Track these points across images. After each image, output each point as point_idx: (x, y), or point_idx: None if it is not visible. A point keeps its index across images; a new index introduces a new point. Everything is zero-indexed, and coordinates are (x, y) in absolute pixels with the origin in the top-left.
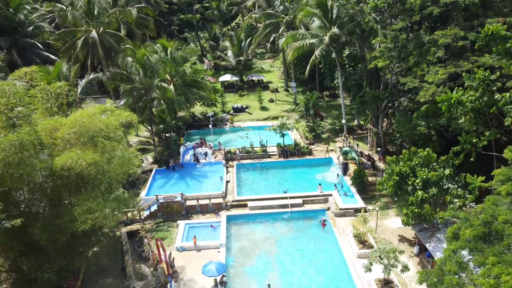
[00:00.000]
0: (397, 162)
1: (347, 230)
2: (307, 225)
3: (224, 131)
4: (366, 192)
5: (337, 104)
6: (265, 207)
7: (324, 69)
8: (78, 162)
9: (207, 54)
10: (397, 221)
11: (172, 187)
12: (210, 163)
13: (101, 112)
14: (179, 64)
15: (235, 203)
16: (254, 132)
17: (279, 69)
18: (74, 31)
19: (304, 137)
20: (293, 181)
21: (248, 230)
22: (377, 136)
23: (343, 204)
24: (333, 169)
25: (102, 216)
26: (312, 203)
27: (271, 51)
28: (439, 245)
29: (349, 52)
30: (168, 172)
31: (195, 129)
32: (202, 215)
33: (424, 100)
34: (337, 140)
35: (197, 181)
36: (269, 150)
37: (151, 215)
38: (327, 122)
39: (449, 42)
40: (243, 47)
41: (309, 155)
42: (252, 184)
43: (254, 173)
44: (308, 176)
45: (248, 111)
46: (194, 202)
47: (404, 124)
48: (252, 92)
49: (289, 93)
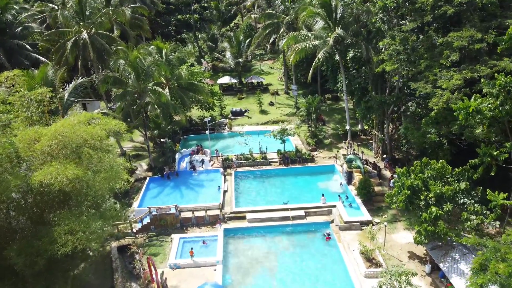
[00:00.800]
0: (407, 175)
1: (353, 246)
2: (310, 239)
3: (222, 136)
4: (372, 203)
5: (339, 108)
6: (265, 220)
7: (326, 71)
8: (58, 178)
9: (205, 55)
10: (406, 235)
11: (167, 197)
12: (207, 171)
13: (86, 121)
14: (174, 67)
15: (233, 215)
16: (253, 138)
17: (279, 71)
18: (64, 32)
19: (306, 143)
20: (294, 190)
21: (247, 244)
22: (382, 142)
23: (348, 216)
24: (336, 178)
25: (84, 238)
26: (315, 215)
27: (271, 52)
28: (454, 266)
29: (353, 54)
30: (162, 181)
31: (192, 134)
32: (198, 228)
33: (437, 107)
34: (340, 146)
35: (193, 191)
36: (269, 157)
37: (143, 228)
38: (330, 126)
39: (464, 45)
40: (242, 48)
41: (311, 163)
42: (251, 194)
43: (253, 181)
44: (310, 185)
45: (247, 115)
46: (189, 214)
47: (412, 131)
48: (251, 95)
49: (290, 96)
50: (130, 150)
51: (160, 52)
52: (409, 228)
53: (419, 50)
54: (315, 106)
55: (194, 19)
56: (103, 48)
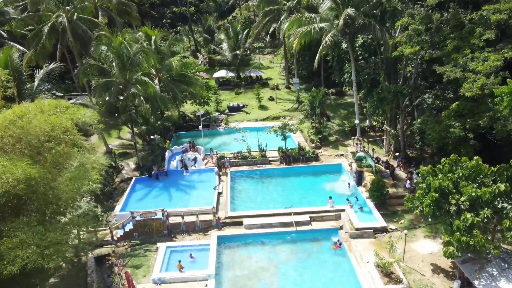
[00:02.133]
0: (433, 174)
1: (367, 257)
2: (316, 248)
3: (217, 133)
4: (386, 207)
5: (344, 103)
6: (264, 226)
7: (331, 62)
8: (3, 178)
9: (202, 49)
10: (427, 244)
11: (154, 200)
12: (200, 170)
13: (52, 109)
14: (165, 56)
15: (228, 220)
16: (252, 134)
17: (279, 65)
18: (42, 17)
19: (309, 140)
20: (297, 192)
21: (244, 255)
22: (395, 139)
23: (359, 222)
24: (344, 178)
25: (37, 254)
26: (321, 220)
27: (270, 46)
28: (493, 284)
29: (363, 41)
30: (150, 182)
31: (186, 131)
32: (188, 235)
33: (471, 94)
34: (347, 143)
35: (184, 193)
36: (269, 155)
37: (125, 235)
38: (335, 122)
39: (504, 19)
40: (240, 39)
41: (316, 161)
42: (249, 197)
43: (251, 182)
44: (315, 187)
45: (246, 111)
46: (178, 219)
47: (432, 126)
48: (249, 90)
49: (291, 90)
50: (117, 148)
51: (149, 40)
52: (430, 236)
53: (444, 30)
54: (319, 100)
55: (190, 12)
56: (85, 34)
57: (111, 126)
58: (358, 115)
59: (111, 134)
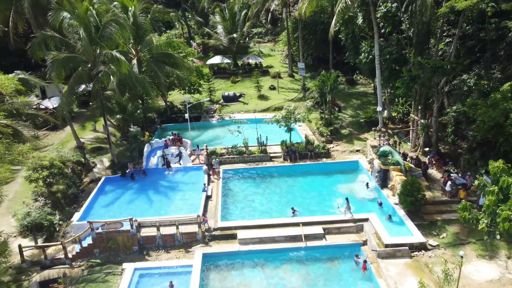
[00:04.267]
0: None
1: (404, 285)
2: (333, 271)
3: (210, 126)
4: (421, 216)
5: (357, 93)
6: (264, 240)
7: (345, 41)
8: None
9: (195, 36)
10: (483, 267)
11: (126, 205)
12: (186, 168)
13: None
14: (146, 33)
15: (218, 232)
16: (250, 126)
17: (281, 53)
18: None
19: (318, 132)
20: (305, 196)
21: (237, 279)
22: (425, 130)
23: (389, 236)
24: (361, 178)
25: None
26: (337, 232)
27: (271, 33)
28: None
29: (385, 10)
30: (123, 182)
31: (173, 123)
32: (166, 252)
33: None
34: (363, 137)
35: (164, 196)
36: (270, 150)
37: (83, 252)
38: (347, 113)
39: None
40: (237, 22)
41: (327, 158)
42: (245, 201)
43: (248, 183)
44: (328, 189)
45: (243, 101)
46: (152, 231)
47: (485, 110)
48: (247, 78)
49: (295, 79)
50: (91, 142)
51: (126, 13)
52: (485, 256)
53: None
54: (330, 85)
55: None
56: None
57: (87, 118)
58: (381, 100)
59: (85, 127)
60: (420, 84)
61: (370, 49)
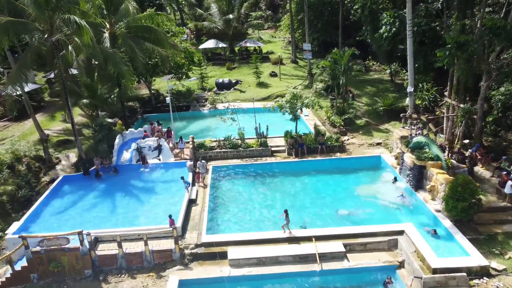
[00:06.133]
0: None
1: None
2: None
3: (200, 116)
4: (474, 228)
5: (371, 80)
6: (264, 261)
7: (361, 13)
8: None
9: (188, 22)
10: None
11: (84, 213)
12: (167, 164)
13: None
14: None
15: (201, 249)
16: (248, 114)
17: (283, 40)
18: None
19: (329, 123)
20: (317, 201)
21: None
22: (466, 117)
23: (437, 257)
24: (386, 177)
25: None
26: (363, 250)
27: (272, 20)
28: None
29: None
30: (87, 182)
31: (159, 113)
32: (130, 277)
33: None
34: (383, 127)
35: (136, 200)
36: (272, 143)
37: (16, 277)
38: (362, 101)
39: None
40: (233, 1)
41: (341, 153)
42: (239, 208)
43: (243, 184)
44: (345, 192)
45: (240, 88)
46: (113, 248)
47: None
48: (245, 65)
49: (299, 65)
50: (58, 134)
51: None
52: None
53: None
54: (344, 64)
55: None
56: None
57: (59, 107)
58: (413, 78)
59: (55, 117)
60: (470, 52)
61: (394, 20)
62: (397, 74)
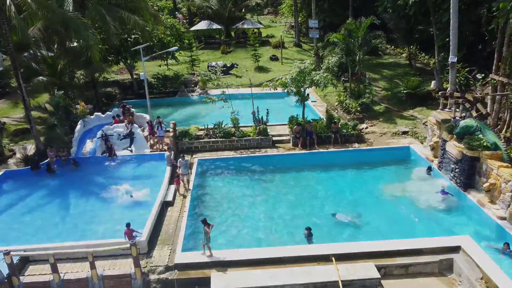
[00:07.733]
0: None
1: None
2: None
3: (189, 102)
4: None
5: (385, 63)
6: None
7: None
8: None
9: (181, 5)
10: None
11: (13, 222)
12: (140, 157)
13: None
14: None
15: (175, 273)
16: (244, 102)
17: (284, 25)
18: None
19: (342, 108)
20: (332, 204)
21: None
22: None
23: None
24: (417, 173)
25: None
26: (405, 274)
27: (272, 5)
28: None
29: None
30: (36, 178)
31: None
32: None
33: None
34: (407, 114)
35: (97, 203)
36: (273, 131)
37: None
38: (379, 86)
39: None
40: None
41: (359, 143)
42: (229, 213)
43: (237, 182)
44: (368, 191)
45: (235, 73)
46: (45, 271)
47: None
48: (242, 49)
49: (303, 49)
50: (18, 123)
51: None
52: None
53: None
54: (361, 37)
55: None
56: None
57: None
58: (456, 45)
59: (17, 104)
60: None
61: None
62: (416, 57)
